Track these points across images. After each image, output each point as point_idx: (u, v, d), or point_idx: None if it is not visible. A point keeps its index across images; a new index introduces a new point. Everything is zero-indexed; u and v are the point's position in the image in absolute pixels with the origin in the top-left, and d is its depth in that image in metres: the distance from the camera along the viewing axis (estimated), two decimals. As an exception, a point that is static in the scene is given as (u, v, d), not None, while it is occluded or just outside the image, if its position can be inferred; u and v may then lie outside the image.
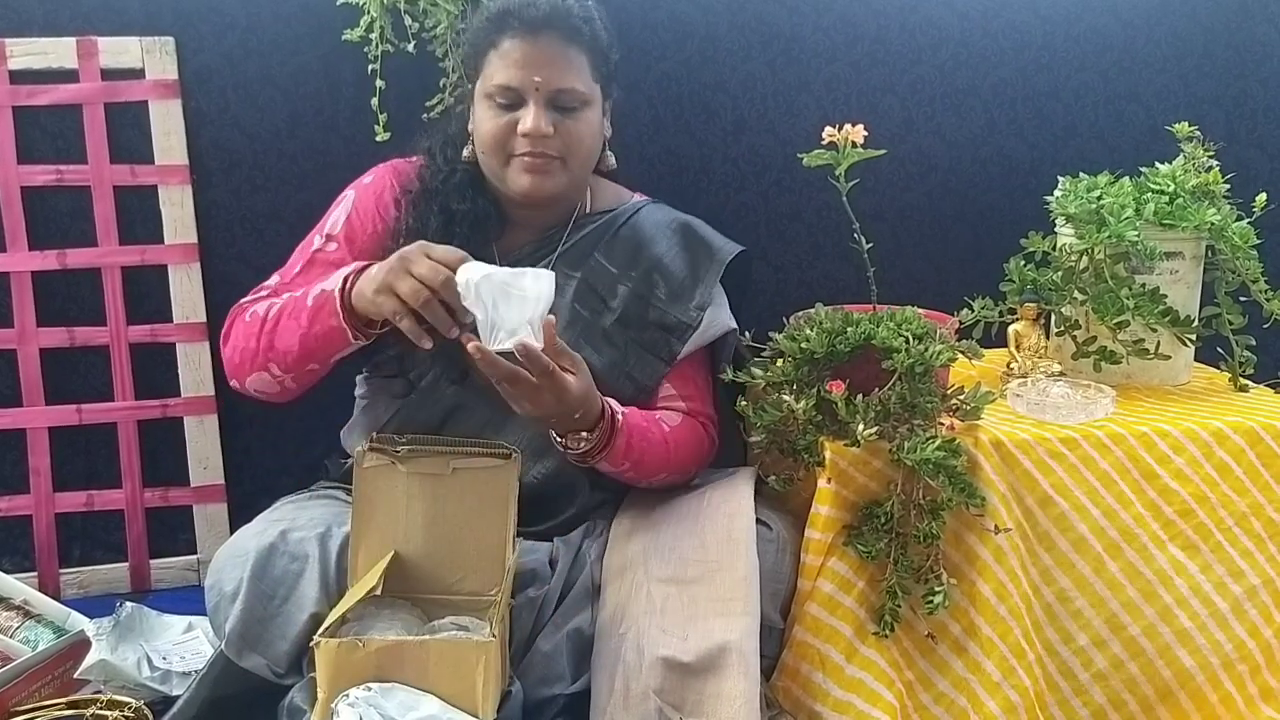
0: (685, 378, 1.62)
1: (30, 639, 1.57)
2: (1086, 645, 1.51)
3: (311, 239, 1.59)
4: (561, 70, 1.48)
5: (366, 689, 1.18)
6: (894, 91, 2.06)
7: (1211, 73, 2.16)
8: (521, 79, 1.47)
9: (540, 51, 1.47)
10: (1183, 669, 1.52)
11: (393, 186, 1.60)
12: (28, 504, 1.90)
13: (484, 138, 1.51)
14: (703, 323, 1.59)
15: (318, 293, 1.43)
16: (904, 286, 1.95)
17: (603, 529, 1.55)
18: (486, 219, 1.57)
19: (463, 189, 1.56)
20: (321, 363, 1.47)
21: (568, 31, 1.49)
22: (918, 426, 1.42)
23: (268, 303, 1.49)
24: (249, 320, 1.49)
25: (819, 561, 1.46)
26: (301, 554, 1.37)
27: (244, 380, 1.50)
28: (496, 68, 1.49)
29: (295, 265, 1.57)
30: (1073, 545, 1.49)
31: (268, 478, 1.95)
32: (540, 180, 1.50)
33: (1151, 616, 1.51)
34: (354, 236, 1.56)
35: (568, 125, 1.50)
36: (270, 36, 1.86)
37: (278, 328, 1.45)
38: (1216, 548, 1.53)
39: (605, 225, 1.63)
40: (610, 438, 1.44)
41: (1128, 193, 1.68)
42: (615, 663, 1.34)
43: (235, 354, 1.50)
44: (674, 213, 1.68)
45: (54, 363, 1.88)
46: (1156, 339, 1.66)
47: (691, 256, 1.63)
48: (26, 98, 1.81)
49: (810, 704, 1.45)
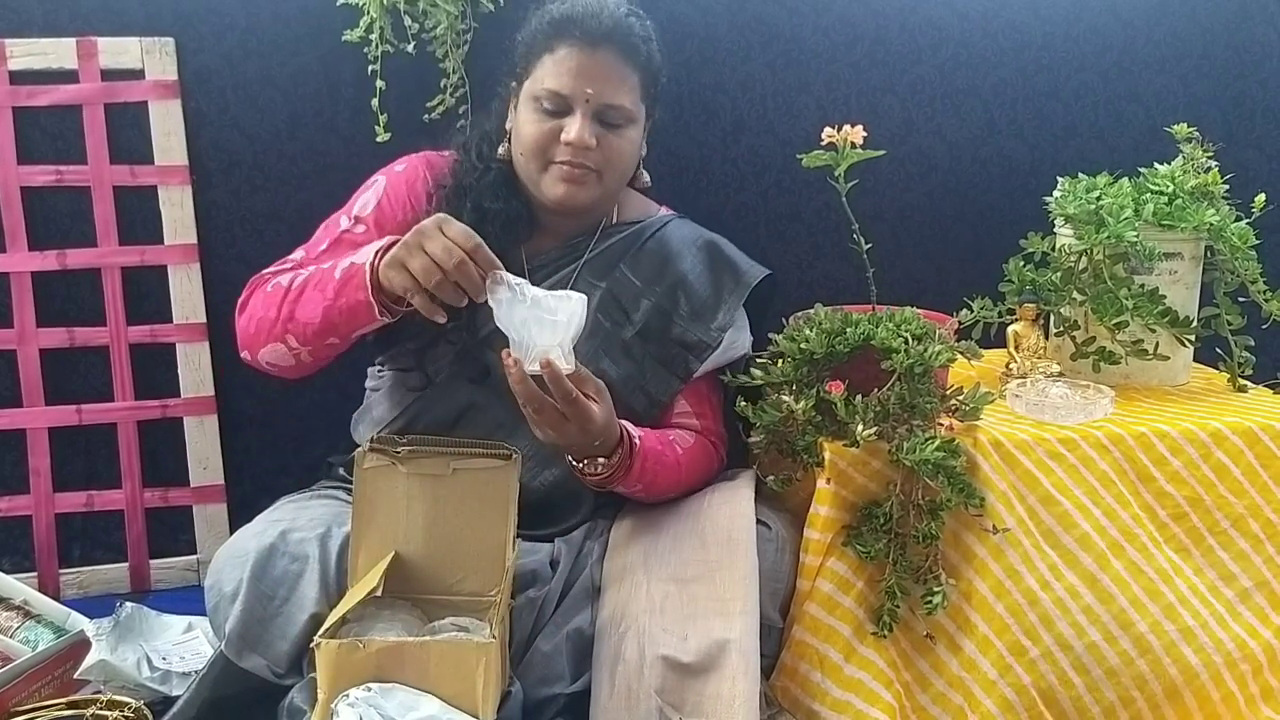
0: (701, 396, 1.62)
1: (30, 639, 1.57)
2: (1099, 640, 1.49)
3: (338, 219, 1.58)
4: (615, 86, 1.49)
5: (366, 689, 1.18)
6: (893, 92, 2.06)
7: (1210, 73, 2.16)
8: (573, 88, 1.48)
9: (596, 64, 1.48)
10: (1188, 665, 1.51)
11: (425, 178, 1.59)
12: (28, 504, 1.90)
13: (525, 140, 1.51)
14: (723, 344, 1.60)
15: (346, 265, 1.41)
16: (903, 287, 1.95)
17: (604, 529, 1.56)
18: (517, 220, 1.57)
19: (496, 188, 1.56)
20: (343, 338, 1.45)
21: (626, 49, 1.50)
22: (917, 427, 1.43)
23: (291, 274, 1.48)
24: (270, 290, 1.47)
25: (818, 561, 1.46)
26: (301, 554, 1.37)
27: (257, 351, 1.48)
28: (549, 72, 1.49)
29: (321, 243, 1.56)
30: (1077, 542, 1.49)
31: (267, 478, 1.95)
32: (575, 190, 1.51)
33: (1156, 613, 1.51)
34: (383, 221, 1.55)
35: (610, 140, 1.51)
36: (270, 37, 1.86)
37: (301, 298, 1.43)
38: (1208, 552, 1.54)
39: (632, 237, 1.63)
40: (629, 464, 1.44)
41: (1127, 193, 1.68)
42: (615, 662, 1.34)
43: (251, 324, 1.48)
44: (700, 229, 1.68)
45: (54, 363, 1.88)
46: (1155, 339, 1.66)
47: (716, 277, 1.63)
48: (26, 98, 1.81)
49: (809, 703, 1.45)
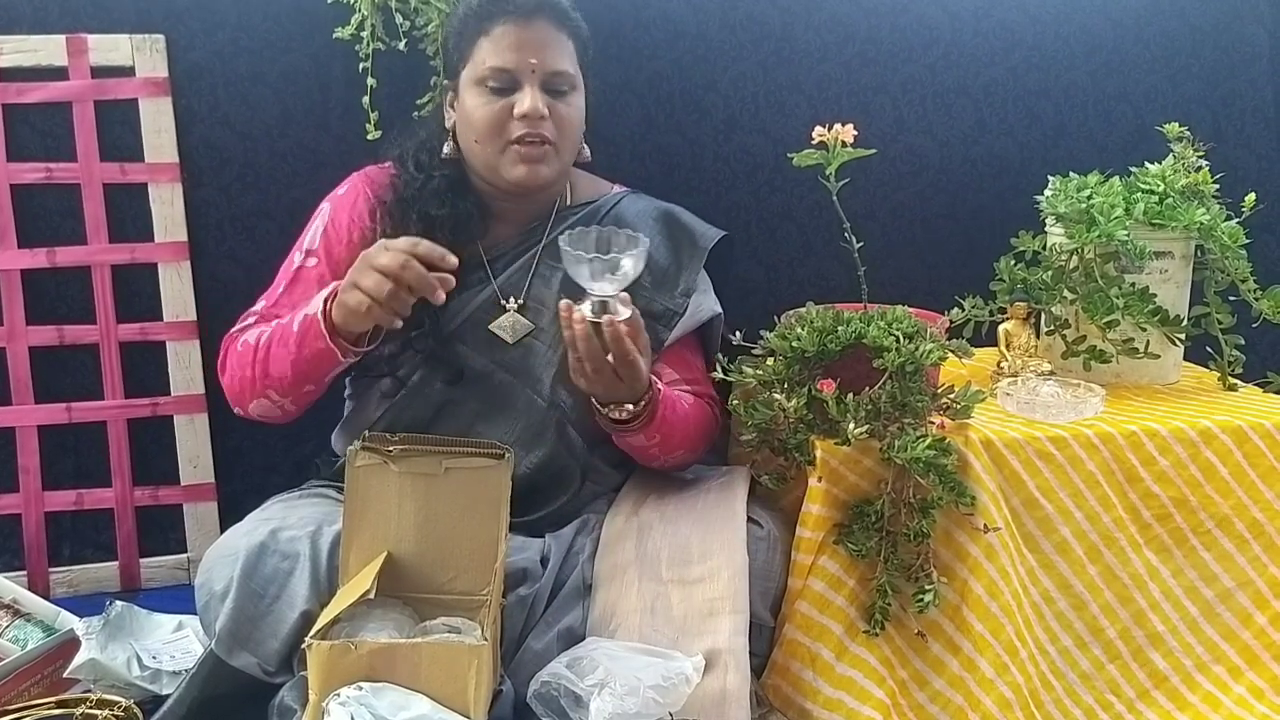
0: (685, 361, 1.64)
1: (19, 638, 1.57)
2: (1070, 646, 1.52)
3: (292, 257, 1.60)
4: (555, 53, 1.53)
5: (358, 688, 1.18)
6: (885, 91, 2.06)
7: (1200, 73, 2.17)
8: (518, 61, 1.50)
9: (534, 35, 1.51)
10: (1156, 670, 1.54)
11: (366, 195, 1.61)
12: (17, 503, 1.89)
13: (477, 125, 1.52)
14: (688, 309, 1.62)
15: (301, 318, 1.46)
16: (894, 285, 1.95)
17: (595, 525, 1.55)
18: (468, 220, 1.58)
19: (441, 194, 1.57)
20: (316, 383, 1.51)
21: (558, 15, 1.54)
22: (908, 425, 1.43)
23: (257, 330, 1.52)
24: (241, 350, 1.52)
25: (810, 560, 1.46)
26: (292, 553, 1.37)
27: (246, 407, 1.54)
28: (489, 52, 1.51)
29: (279, 285, 1.59)
30: (1055, 548, 1.51)
31: (258, 476, 1.95)
32: (535, 169, 1.53)
33: (1126, 619, 1.53)
34: (332, 249, 1.58)
35: (559, 109, 1.53)
36: (261, 34, 1.85)
37: (269, 355, 1.48)
38: (1190, 552, 1.55)
39: (587, 217, 1.64)
40: (654, 411, 1.47)
41: (1117, 192, 1.69)
42: (606, 661, 1.34)
43: (234, 383, 1.54)
44: (655, 202, 1.71)
45: (43, 361, 1.88)
46: (1146, 338, 1.67)
47: (674, 244, 1.66)
48: (16, 95, 1.80)
49: (801, 702, 1.45)
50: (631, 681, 1.23)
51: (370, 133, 1.85)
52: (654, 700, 1.23)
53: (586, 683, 1.26)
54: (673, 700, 1.25)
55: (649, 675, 1.24)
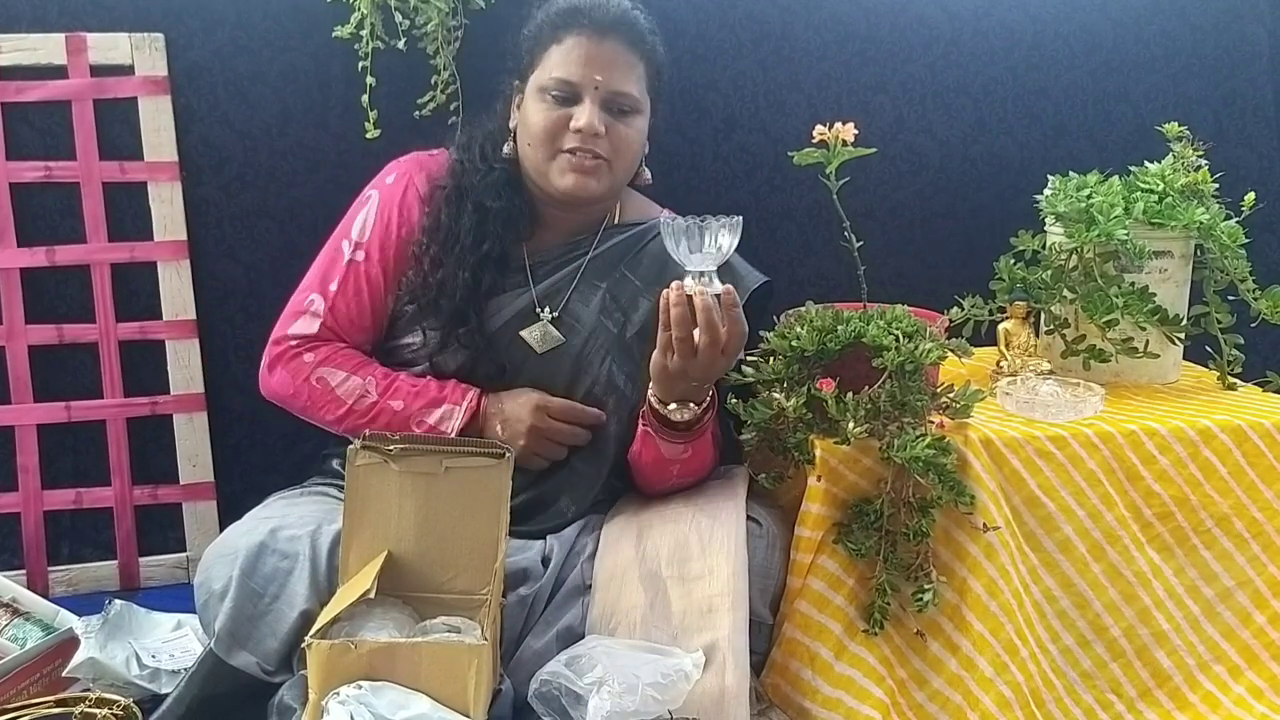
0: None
1: (19, 637, 1.57)
2: (1072, 645, 1.52)
3: (339, 244, 1.59)
4: (622, 74, 1.51)
5: (357, 687, 1.18)
6: (885, 90, 2.06)
7: (1200, 72, 2.17)
8: (582, 75, 1.50)
9: (604, 52, 1.50)
10: (1160, 669, 1.54)
11: (415, 186, 1.60)
12: (16, 502, 1.89)
13: (533, 130, 1.52)
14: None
15: (420, 423, 1.51)
16: (894, 285, 1.95)
17: (595, 525, 1.55)
18: (519, 217, 1.58)
19: (499, 187, 1.57)
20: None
21: (633, 38, 1.53)
22: (908, 424, 1.43)
23: (335, 367, 1.54)
24: (316, 385, 1.54)
25: (809, 559, 1.46)
26: (292, 552, 1.37)
27: (293, 413, 1.58)
28: (557, 62, 1.51)
29: (331, 280, 1.57)
30: (1058, 546, 1.50)
31: (257, 475, 1.95)
32: (584, 180, 1.52)
33: (1131, 618, 1.53)
34: (386, 246, 1.58)
35: (618, 129, 1.52)
36: (260, 33, 1.85)
37: (372, 422, 1.52)
38: (1191, 551, 1.55)
39: (633, 239, 1.63)
40: (708, 420, 1.48)
41: (1117, 192, 1.69)
42: (606, 660, 1.34)
43: (296, 402, 1.57)
44: None
45: (43, 360, 1.88)
46: (1145, 337, 1.67)
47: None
48: (15, 94, 1.80)
49: (800, 700, 1.45)
50: (630, 679, 1.23)
51: (369, 131, 1.85)
52: (652, 698, 1.23)
53: (585, 681, 1.26)
54: (672, 698, 1.25)
55: (647, 673, 1.24)
